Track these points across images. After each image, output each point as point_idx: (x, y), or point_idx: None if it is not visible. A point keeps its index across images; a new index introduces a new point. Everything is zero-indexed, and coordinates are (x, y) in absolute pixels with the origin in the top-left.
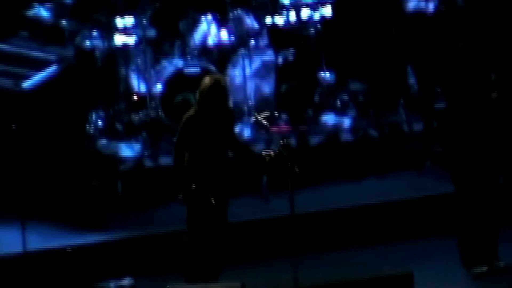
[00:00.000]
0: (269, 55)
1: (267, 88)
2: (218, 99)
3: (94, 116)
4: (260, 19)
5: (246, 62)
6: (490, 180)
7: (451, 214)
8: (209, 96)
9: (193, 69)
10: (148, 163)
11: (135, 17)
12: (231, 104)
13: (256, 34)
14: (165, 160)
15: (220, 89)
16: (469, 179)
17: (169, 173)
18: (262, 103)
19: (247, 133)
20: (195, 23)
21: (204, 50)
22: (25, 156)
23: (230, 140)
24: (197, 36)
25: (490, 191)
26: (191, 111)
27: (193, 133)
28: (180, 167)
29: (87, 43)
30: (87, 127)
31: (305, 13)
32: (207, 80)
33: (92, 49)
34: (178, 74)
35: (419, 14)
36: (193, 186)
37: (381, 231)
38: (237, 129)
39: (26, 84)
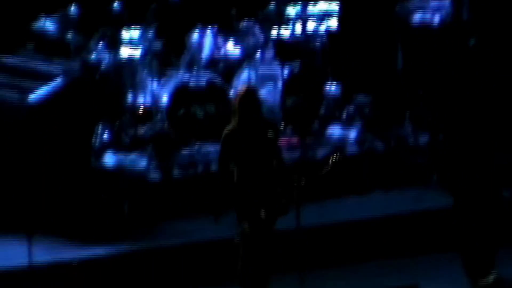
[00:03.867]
0: (275, 68)
1: (272, 100)
2: (250, 110)
3: (100, 129)
4: (266, 32)
5: (252, 74)
6: (489, 193)
7: (453, 228)
8: (242, 108)
9: (199, 82)
10: (154, 176)
11: (141, 30)
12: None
13: (262, 47)
14: (173, 173)
15: (251, 100)
16: (467, 192)
17: (176, 186)
18: (267, 114)
19: None
20: (201, 36)
21: (210, 62)
22: (31, 169)
23: (274, 154)
24: (203, 49)
25: (490, 204)
26: (230, 126)
27: (236, 148)
28: (229, 183)
29: (93, 56)
30: (93, 140)
31: (311, 25)
32: (239, 92)
33: (98, 62)
34: (184, 87)
35: (425, 26)
36: (250, 198)
37: (388, 245)
38: None
39: (32, 97)
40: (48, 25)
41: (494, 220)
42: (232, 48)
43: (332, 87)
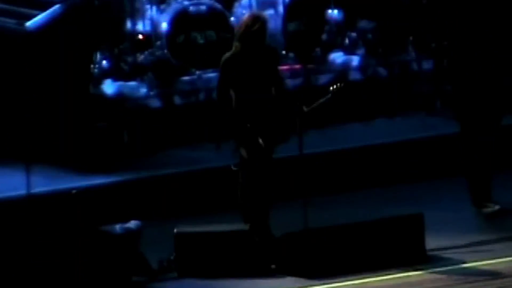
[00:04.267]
0: None
1: (274, 26)
2: (260, 37)
3: (98, 57)
4: None
5: (253, 1)
6: (494, 120)
7: (460, 155)
8: (248, 36)
9: (199, 8)
10: (154, 103)
11: None
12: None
13: None
14: (173, 101)
15: (261, 27)
16: (474, 119)
17: (177, 113)
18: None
19: None
20: None
21: None
22: (29, 98)
23: (274, 81)
24: None
25: (493, 131)
26: (230, 53)
27: (236, 75)
28: (227, 109)
29: None
30: (92, 68)
31: None
32: (247, 18)
33: None
34: (184, 13)
35: None
36: (248, 125)
37: (391, 172)
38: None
39: (30, 23)
40: None
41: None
42: None
43: (334, 13)
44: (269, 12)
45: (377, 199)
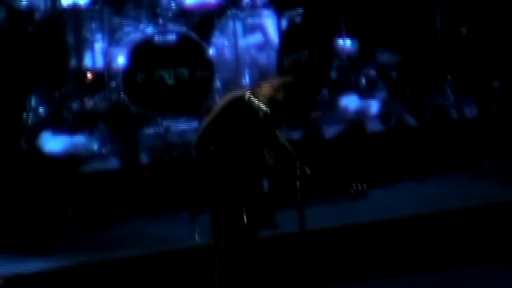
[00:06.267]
0: (268, 17)
1: (266, 61)
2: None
3: (34, 102)
4: None
5: (238, 26)
6: None
7: None
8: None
9: (167, 37)
10: (109, 163)
11: None
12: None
13: None
14: (135, 160)
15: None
16: None
17: (137, 176)
18: (260, 82)
19: None
20: None
21: (182, 10)
22: None
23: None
24: None
25: None
26: (242, 95)
27: (237, 126)
28: (204, 166)
29: (23, 1)
30: (25, 117)
31: None
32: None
33: (31, 10)
34: (147, 44)
35: None
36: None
37: (421, 253)
38: None
39: None
40: None
41: None
42: None
43: (346, 42)
44: (258, 41)
45: None
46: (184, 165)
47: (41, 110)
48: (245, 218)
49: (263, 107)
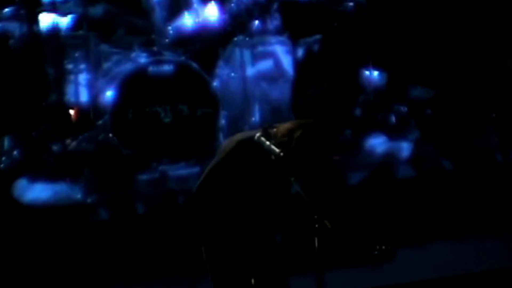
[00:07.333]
0: (281, 45)
1: (279, 95)
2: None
3: (7, 143)
4: None
5: (246, 55)
6: None
7: None
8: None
9: (163, 67)
10: (96, 215)
11: None
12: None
13: (262, 12)
14: (126, 210)
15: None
16: None
17: (127, 230)
18: (272, 119)
19: None
20: None
21: (180, 37)
22: None
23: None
24: (169, 16)
25: None
26: (251, 136)
27: (245, 172)
28: (205, 218)
29: None
30: None
31: None
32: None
33: (4, 36)
34: (140, 75)
35: None
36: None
37: None
38: None
39: None
40: None
41: None
42: (215, 15)
43: (373, 75)
44: (269, 72)
45: None
46: (184, 217)
47: (15, 153)
48: (252, 283)
49: (276, 149)
